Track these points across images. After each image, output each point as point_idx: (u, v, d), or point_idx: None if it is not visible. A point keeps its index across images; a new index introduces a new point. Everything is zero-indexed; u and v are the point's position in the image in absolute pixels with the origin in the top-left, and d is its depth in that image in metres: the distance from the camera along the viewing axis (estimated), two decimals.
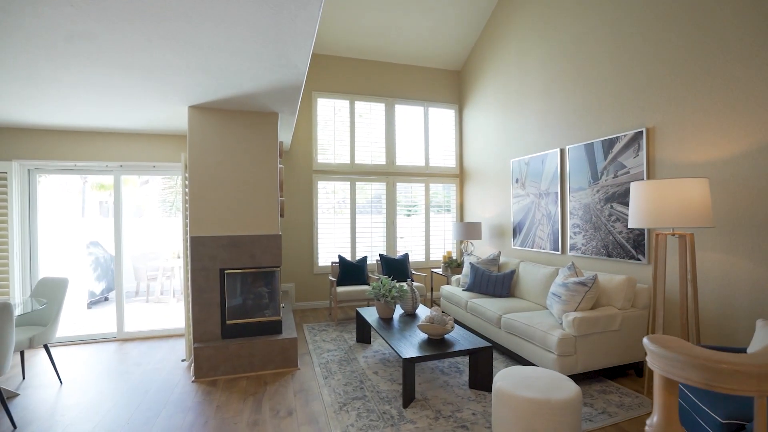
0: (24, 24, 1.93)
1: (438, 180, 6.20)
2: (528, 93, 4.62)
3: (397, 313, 3.82)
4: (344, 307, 5.54)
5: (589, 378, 3.06)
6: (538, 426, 1.96)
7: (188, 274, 3.44)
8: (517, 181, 4.85)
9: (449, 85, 6.23)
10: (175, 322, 4.72)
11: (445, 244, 6.23)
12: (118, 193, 4.22)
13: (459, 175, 6.31)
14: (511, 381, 2.16)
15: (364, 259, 5.21)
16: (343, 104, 5.74)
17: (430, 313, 3.07)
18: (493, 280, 4.25)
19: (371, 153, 5.86)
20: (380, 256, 5.34)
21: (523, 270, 4.17)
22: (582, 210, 3.82)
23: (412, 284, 3.75)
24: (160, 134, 4.33)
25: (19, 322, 3.25)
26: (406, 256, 5.38)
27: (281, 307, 3.59)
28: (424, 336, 3.08)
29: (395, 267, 5.23)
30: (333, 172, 5.69)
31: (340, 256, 5.14)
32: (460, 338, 3.03)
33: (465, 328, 4.18)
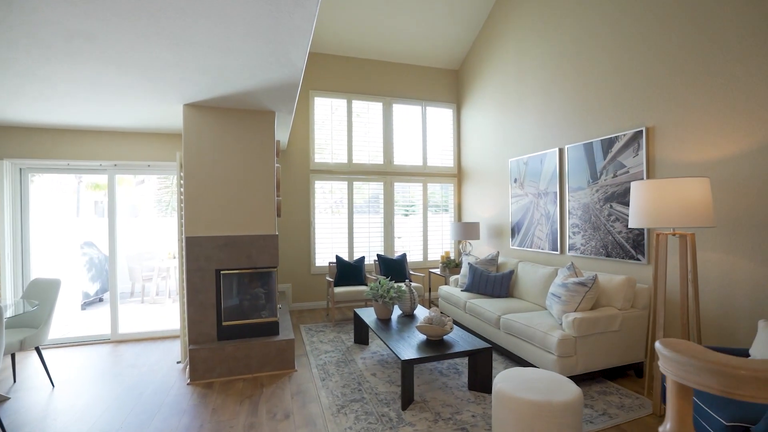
0: (18, 20, 1.88)
1: (436, 180, 6.17)
2: (527, 92, 4.60)
3: (396, 313, 3.78)
4: (342, 308, 5.50)
5: (589, 379, 3.03)
6: (539, 428, 1.93)
7: (183, 275, 3.39)
8: (515, 180, 4.83)
9: (447, 84, 6.20)
10: (170, 324, 4.66)
11: (443, 244, 6.20)
12: (112, 193, 4.16)
13: (457, 175, 6.28)
14: (512, 383, 2.13)
15: (362, 259, 5.17)
16: (341, 103, 5.70)
17: (429, 314, 3.04)
18: (492, 280, 4.22)
19: (369, 152, 5.83)
20: (378, 256, 5.30)
21: (522, 270, 4.15)
22: (581, 210, 3.80)
23: (411, 285, 3.72)
24: (155, 133, 4.27)
25: (10, 324, 3.19)
26: (404, 257, 5.35)
27: (278, 308, 3.55)
28: (423, 337, 3.05)
29: (393, 267, 5.20)
30: (330, 172, 5.65)
31: (338, 257, 5.10)
32: (459, 339, 3.00)
33: (463, 329, 4.15)
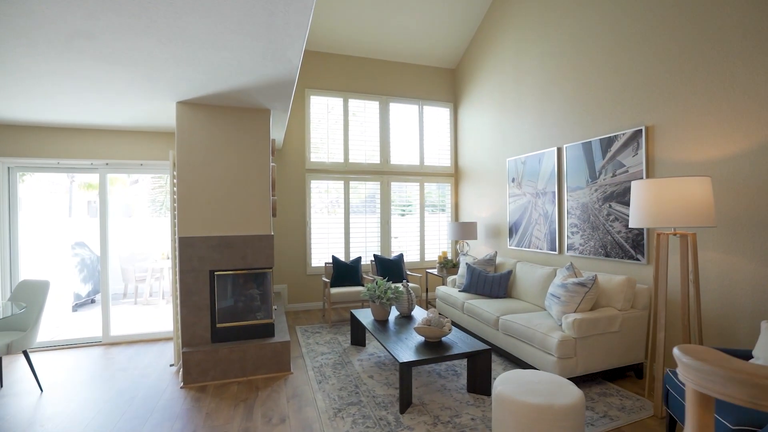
0: (4, 15, 1.81)
1: (433, 179, 6.13)
2: (525, 91, 4.57)
3: (393, 314, 3.73)
4: (338, 309, 5.44)
5: (589, 380, 3.00)
6: None
7: (176, 276, 3.32)
8: (513, 180, 4.79)
9: (444, 83, 6.16)
10: (163, 325, 4.58)
11: (440, 244, 6.16)
12: (103, 192, 4.07)
13: (454, 175, 6.25)
14: (512, 386, 2.09)
15: (359, 259, 5.11)
16: (337, 102, 5.64)
17: (427, 315, 2.99)
18: (490, 280, 4.18)
19: (365, 152, 5.77)
20: (375, 256, 5.25)
21: (521, 270, 4.11)
22: (580, 209, 3.77)
23: (408, 285, 3.67)
24: (147, 131, 4.19)
25: None
26: (401, 257, 5.30)
27: (273, 310, 3.49)
28: (421, 339, 3.00)
29: (390, 267, 5.15)
30: (326, 171, 5.59)
31: (334, 257, 5.04)
32: (457, 341, 2.95)
33: (461, 330, 4.11)
